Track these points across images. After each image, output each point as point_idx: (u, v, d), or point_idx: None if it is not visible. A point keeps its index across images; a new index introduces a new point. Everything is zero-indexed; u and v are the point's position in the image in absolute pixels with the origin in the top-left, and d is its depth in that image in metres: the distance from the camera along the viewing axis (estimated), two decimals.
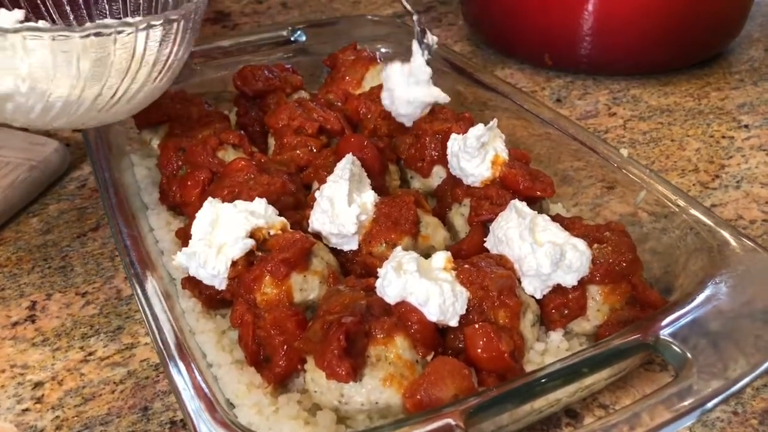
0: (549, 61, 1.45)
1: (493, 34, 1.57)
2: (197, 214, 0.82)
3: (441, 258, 0.75)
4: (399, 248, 0.77)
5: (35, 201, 1.13)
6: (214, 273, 0.76)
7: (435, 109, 1.03)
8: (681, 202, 0.85)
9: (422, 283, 0.69)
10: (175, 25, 0.85)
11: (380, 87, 1.13)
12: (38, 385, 0.81)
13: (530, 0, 1.42)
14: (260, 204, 0.83)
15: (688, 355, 0.63)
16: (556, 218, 0.85)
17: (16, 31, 0.77)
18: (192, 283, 0.81)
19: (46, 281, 0.97)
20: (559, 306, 0.76)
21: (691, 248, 0.83)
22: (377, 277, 0.73)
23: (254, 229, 0.79)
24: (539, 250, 0.74)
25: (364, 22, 1.38)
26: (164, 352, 0.69)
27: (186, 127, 1.08)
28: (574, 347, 0.77)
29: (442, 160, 0.97)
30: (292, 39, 1.35)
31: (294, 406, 0.69)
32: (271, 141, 1.08)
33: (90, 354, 0.85)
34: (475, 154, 0.88)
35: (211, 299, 0.80)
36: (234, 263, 0.77)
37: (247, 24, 1.76)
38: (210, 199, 0.83)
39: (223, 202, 0.88)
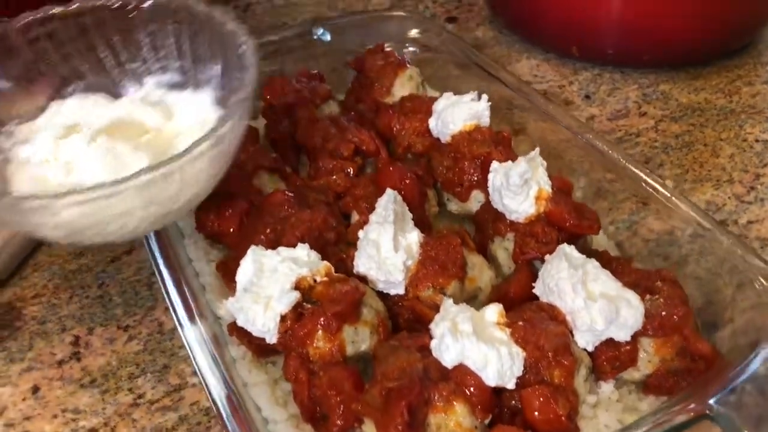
0: (576, 52, 1.42)
1: (517, 20, 1.52)
2: (241, 263, 0.81)
3: (494, 312, 0.75)
4: (449, 301, 0.76)
5: None
6: (264, 330, 0.76)
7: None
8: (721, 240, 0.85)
9: (480, 348, 0.70)
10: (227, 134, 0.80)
11: (411, 97, 1.12)
12: None
13: None
14: (303, 250, 0.82)
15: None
16: (603, 258, 0.85)
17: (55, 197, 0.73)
18: (240, 332, 0.81)
19: (85, 313, 0.97)
20: (611, 359, 0.76)
21: (734, 281, 0.84)
22: (430, 336, 0.73)
23: (299, 279, 0.79)
24: (593, 306, 0.74)
25: (390, 18, 1.34)
26: (220, 411, 0.70)
27: None
28: (624, 395, 0.78)
29: (481, 185, 0.96)
30: (315, 36, 1.31)
31: None
32: (304, 158, 1.06)
33: (139, 397, 0.86)
34: (519, 192, 0.87)
35: (261, 348, 0.80)
36: (283, 317, 0.77)
37: (260, 4, 1.70)
38: (253, 247, 0.82)
39: (265, 240, 0.88)
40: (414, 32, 1.31)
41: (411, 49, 1.31)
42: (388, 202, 0.86)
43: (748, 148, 1.20)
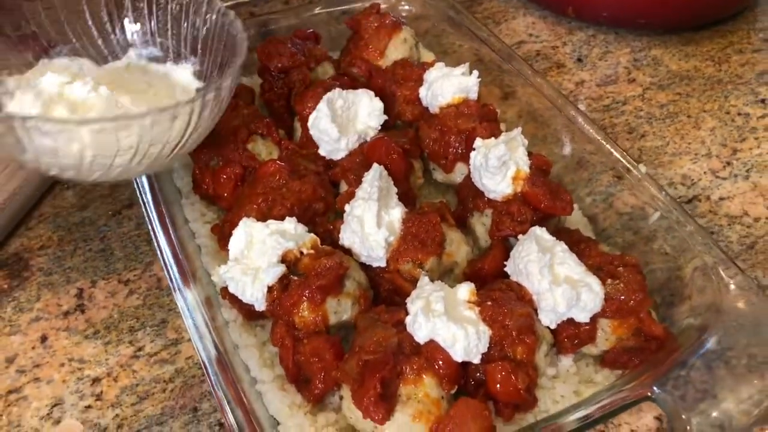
0: (572, 13, 1.43)
1: None
2: (233, 233, 0.87)
3: (465, 291, 0.82)
4: (425, 279, 0.83)
5: None
6: (252, 299, 0.83)
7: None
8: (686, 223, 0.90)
9: (449, 327, 0.76)
10: (224, 91, 0.87)
11: (404, 64, 1.15)
12: (96, 381, 0.90)
13: None
14: (291, 223, 0.87)
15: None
16: (574, 238, 0.91)
17: (79, 123, 0.78)
18: (232, 297, 0.87)
19: (89, 266, 1.03)
20: (571, 336, 0.83)
21: (693, 263, 0.90)
22: (406, 312, 0.80)
23: (285, 252, 0.85)
24: (557, 290, 0.80)
25: None
26: (208, 370, 0.78)
27: None
28: (581, 368, 0.85)
29: (465, 158, 1.01)
30: None
31: (331, 428, 0.79)
32: (297, 125, 1.10)
33: (139, 349, 0.93)
34: (497, 172, 0.92)
35: (251, 313, 0.87)
36: (270, 288, 0.83)
37: None
38: (244, 219, 0.87)
39: (257, 209, 0.93)
40: None
41: (406, 7, 1.32)
42: (374, 178, 0.91)
43: (730, 122, 1.23)
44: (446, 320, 0.76)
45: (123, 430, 0.85)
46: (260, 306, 0.84)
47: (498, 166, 0.91)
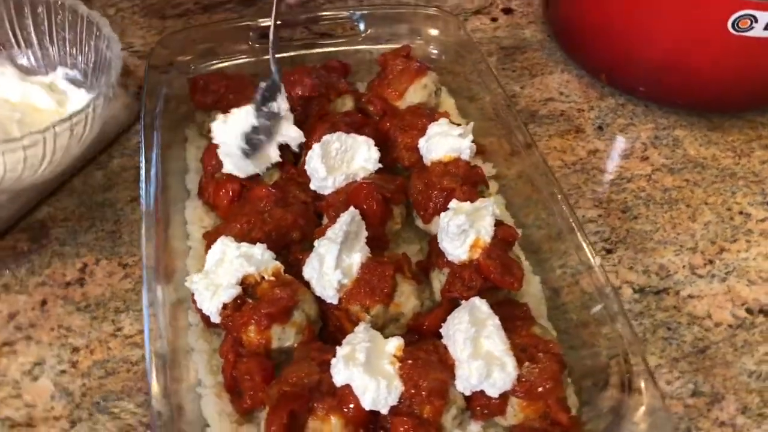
0: (605, 80, 1.45)
1: (560, 31, 1.55)
2: (212, 248, 0.98)
3: (393, 346, 0.90)
4: (362, 326, 0.92)
5: (103, 151, 1.30)
6: (208, 312, 0.94)
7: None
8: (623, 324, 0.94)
9: (363, 378, 0.85)
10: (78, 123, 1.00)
11: (413, 111, 1.22)
12: (76, 350, 1.03)
13: (597, 12, 1.39)
14: (259, 249, 0.97)
15: None
16: (516, 312, 0.97)
17: None
18: (196, 305, 0.98)
19: (98, 244, 1.16)
20: (482, 406, 0.90)
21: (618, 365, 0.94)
22: (334, 354, 0.88)
23: (246, 275, 0.95)
24: (473, 362, 0.87)
25: (422, 17, 1.40)
26: (152, 367, 0.89)
27: None
28: None
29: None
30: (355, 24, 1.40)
31: None
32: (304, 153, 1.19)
33: (118, 329, 1.06)
34: (455, 239, 0.98)
35: (209, 322, 0.98)
36: (225, 305, 0.93)
37: None
38: (222, 237, 0.98)
39: (240, 228, 1.03)
40: (434, 32, 1.39)
41: (435, 51, 1.39)
42: (345, 222, 0.99)
43: (728, 219, 1.24)
44: (362, 371, 0.85)
45: (86, 398, 0.98)
46: (215, 319, 0.95)
47: (457, 233, 0.98)
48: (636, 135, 1.39)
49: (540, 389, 0.88)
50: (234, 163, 1.10)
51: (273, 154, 1.13)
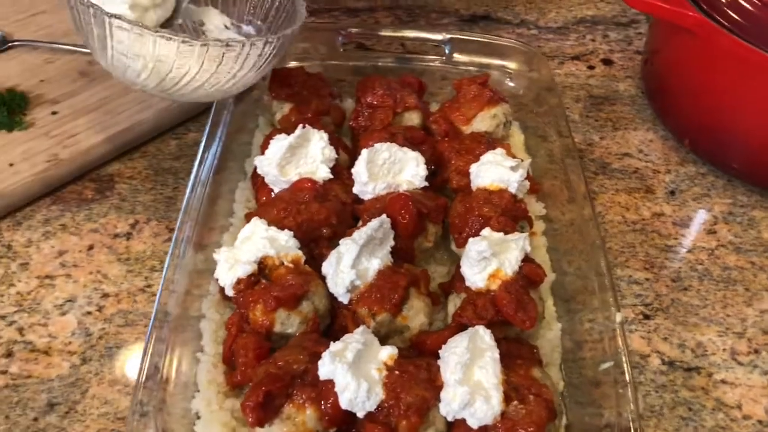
0: (687, 145, 1.39)
1: (651, 91, 1.50)
2: (245, 226, 1.02)
3: (386, 353, 0.90)
4: (362, 328, 0.92)
5: (182, 124, 1.38)
6: (223, 284, 0.97)
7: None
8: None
9: (346, 376, 0.85)
10: (270, 46, 1.08)
11: (475, 137, 1.22)
12: (105, 296, 1.10)
13: (696, 78, 1.34)
14: (285, 236, 1.00)
15: None
16: (522, 350, 0.95)
17: (154, 32, 0.98)
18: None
19: (153, 206, 1.23)
20: None
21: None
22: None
23: (265, 257, 0.98)
24: (459, 388, 0.85)
25: (511, 50, 1.40)
26: (157, 318, 0.93)
27: (303, 115, 1.24)
28: None
29: None
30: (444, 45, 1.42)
31: (228, 414, 0.91)
32: None
33: (148, 286, 1.12)
34: (475, 265, 0.97)
35: (224, 295, 1.01)
36: (239, 281, 0.97)
37: None
38: (255, 219, 1.02)
39: (276, 214, 1.07)
40: (521, 68, 1.38)
41: (511, 84, 1.38)
42: (371, 227, 1.00)
43: None
44: (347, 369, 0.85)
45: (101, 341, 1.04)
46: (229, 292, 0.98)
47: (477, 259, 0.97)
48: (709, 206, 1.32)
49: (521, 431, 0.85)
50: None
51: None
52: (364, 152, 1.11)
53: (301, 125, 1.13)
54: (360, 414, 0.86)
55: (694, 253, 1.24)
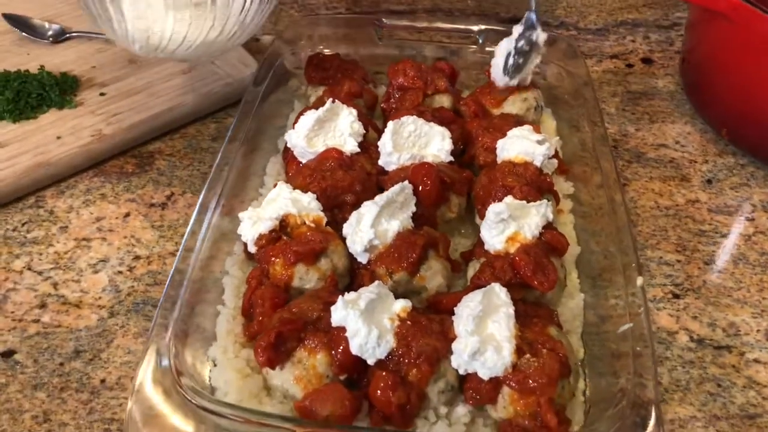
0: (725, 135, 1.36)
1: (690, 85, 1.48)
2: (272, 189, 1.05)
3: (400, 305, 0.90)
4: (378, 282, 0.92)
5: (222, 109, 1.43)
6: (245, 239, 1.00)
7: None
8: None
9: (357, 323, 0.85)
10: None
11: (504, 117, 1.23)
12: (137, 258, 1.14)
13: (719, 69, 1.32)
14: (308, 197, 1.02)
15: None
16: (540, 311, 0.93)
17: None
18: None
19: (189, 180, 1.28)
20: (474, 389, 0.86)
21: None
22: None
23: (286, 215, 1.00)
24: (469, 338, 0.85)
25: (549, 42, 1.40)
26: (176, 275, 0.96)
27: (335, 97, 1.27)
28: (476, 423, 0.88)
29: None
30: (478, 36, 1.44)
31: (243, 362, 0.92)
32: None
33: (177, 250, 1.15)
34: (493, 227, 0.97)
35: (248, 253, 1.03)
36: (261, 236, 0.99)
37: None
38: (281, 183, 1.04)
39: (302, 180, 1.09)
40: (558, 60, 1.38)
41: (551, 75, 1.38)
42: (393, 191, 1.02)
43: None
44: (358, 315, 0.86)
45: (129, 297, 1.08)
46: (251, 248, 1.00)
47: (495, 221, 0.97)
48: (748, 196, 1.28)
49: (533, 383, 0.83)
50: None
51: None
52: (390, 124, 1.13)
53: (330, 99, 1.16)
54: (370, 361, 0.86)
55: (729, 238, 1.20)
